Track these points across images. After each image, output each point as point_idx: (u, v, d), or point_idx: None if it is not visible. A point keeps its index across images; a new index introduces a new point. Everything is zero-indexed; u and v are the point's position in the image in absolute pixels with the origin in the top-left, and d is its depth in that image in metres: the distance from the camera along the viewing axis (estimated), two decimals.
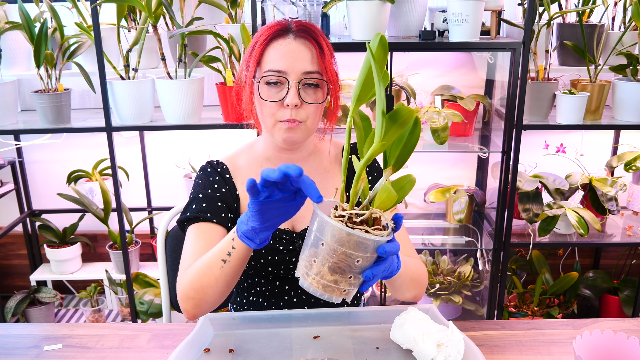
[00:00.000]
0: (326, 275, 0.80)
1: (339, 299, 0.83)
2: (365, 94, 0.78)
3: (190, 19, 2.18)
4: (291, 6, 1.92)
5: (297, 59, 1.09)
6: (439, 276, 2.35)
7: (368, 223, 0.81)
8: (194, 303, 1.05)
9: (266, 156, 1.24)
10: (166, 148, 2.63)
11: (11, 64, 2.22)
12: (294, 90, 1.09)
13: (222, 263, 1.00)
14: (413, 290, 1.17)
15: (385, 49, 0.74)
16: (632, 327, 1.18)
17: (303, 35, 1.10)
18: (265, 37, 1.10)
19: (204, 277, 1.03)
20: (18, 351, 1.13)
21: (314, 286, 0.82)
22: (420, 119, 0.77)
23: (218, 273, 1.01)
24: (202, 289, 1.03)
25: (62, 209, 2.66)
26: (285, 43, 1.09)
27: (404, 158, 0.81)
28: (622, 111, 2.11)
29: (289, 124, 1.10)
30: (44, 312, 2.57)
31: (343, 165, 0.85)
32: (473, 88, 2.42)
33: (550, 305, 2.37)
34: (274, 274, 1.22)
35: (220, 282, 1.02)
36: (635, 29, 2.11)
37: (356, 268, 0.81)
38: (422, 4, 2.09)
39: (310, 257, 0.81)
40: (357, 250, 0.79)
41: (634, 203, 2.39)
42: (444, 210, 2.54)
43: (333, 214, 0.82)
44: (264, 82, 1.10)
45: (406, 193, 0.82)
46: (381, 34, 0.74)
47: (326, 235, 0.78)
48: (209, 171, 1.23)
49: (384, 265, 0.85)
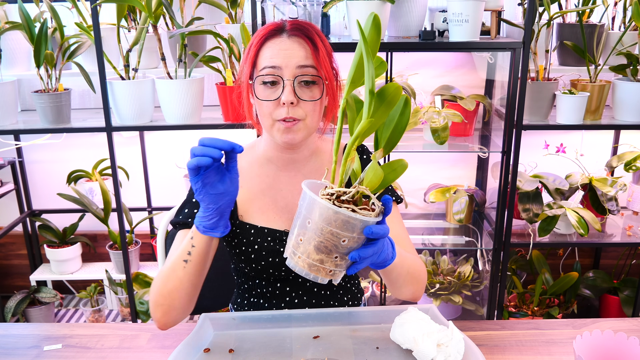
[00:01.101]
0: (312, 254, 0.80)
1: (325, 280, 0.83)
2: (359, 77, 0.78)
3: (190, 19, 2.18)
4: (291, 6, 1.92)
5: (290, 55, 1.09)
6: (439, 276, 2.35)
7: (356, 204, 0.81)
8: (162, 310, 1.06)
9: (267, 157, 1.23)
10: (166, 148, 2.63)
11: (11, 64, 2.22)
12: (289, 88, 1.08)
13: (184, 264, 1.03)
14: (411, 286, 1.15)
15: (378, 30, 0.73)
16: (632, 327, 1.18)
17: (296, 34, 1.10)
18: (259, 38, 1.11)
19: (169, 282, 1.04)
20: (18, 351, 1.13)
21: (299, 265, 0.82)
22: (409, 98, 0.77)
23: (182, 274, 1.03)
24: (169, 294, 1.05)
25: (62, 209, 2.66)
26: (279, 41, 1.10)
27: (394, 140, 0.81)
28: (622, 111, 2.11)
29: (286, 123, 1.10)
30: (44, 312, 2.57)
31: (335, 146, 0.85)
32: (473, 88, 2.42)
33: (550, 305, 2.37)
34: (274, 275, 1.22)
35: (185, 283, 1.04)
36: (635, 29, 2.11)
37: (342, 248, 0.80)
38: (422, 4, 2.09)
39: (297, 236, 0.82)
40: (344, 230, 0.78)
41: (634, 203, 2.39)
42: (444, 210, 2.54)
43: (321, 192, 0.81)
44: (260, 81, 1.10)
45: (397, 176, 0.82)
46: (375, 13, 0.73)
47: (314, 214, 0.78)
48: None
49: (373, 248, 0.85)
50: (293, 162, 1.23)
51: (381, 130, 0.81)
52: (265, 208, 1.21)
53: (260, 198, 1.21)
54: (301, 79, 1.09)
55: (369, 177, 0.80)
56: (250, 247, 1.18)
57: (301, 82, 1.10)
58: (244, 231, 1.19)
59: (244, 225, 1.20)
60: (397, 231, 1.22)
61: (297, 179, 1.24)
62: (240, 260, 1.21)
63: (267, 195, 1.21)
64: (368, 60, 0.71)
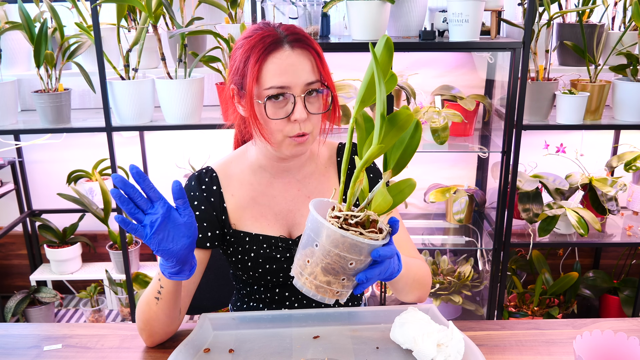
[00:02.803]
0: (319, 275, 0.80)
1: (331, 300, 0.83)
2: (369, 97, 0.77)
3: (190, 19, 2.18)
4: (291, 6, 1.92)
5: (298, 71, 1.04)
6: (439, 276, 2.35)
7: (364, 226, 0.81)
8: (146, 334, 1.10)
9: (260, 164, 1.20)
10: (166, 148, 2.63)
11: (11, 64, 2.22)
12: (301, 106, 1.05)
13: (155, 300, 1.05)
14: (417, 291, 1.17)
15: (390, 52, 0.73)
16: (632, 327, 1.18)
17: (299, 45, 1.06)
18: (260, 51, 1.04)
19: (145, 313, 1.07)
20: (18, 351, 1.13)
21: (307, 286, 0.82)
22: (420, 122, 0.77)
23: (155, 309, 1.06)
24: (148, 322, 1.08)
25: (62, 209, 2.66)
26: (284, 56, 1.04)
27: (404, 162, 0.81)
28: (622, 111, 2.10)
29: (298, 138, 1.08)
30: (44, 312, 2.57)
31: (343, 167, 0.84)
32: (473, 88, 2.42)
33: (550, 305, 2.37)
34: (272, 281, 1.21)
35: (161, 315, 1.07)
36: (635, 29, 2.11)
37: (349, 270, 0.80)
38: (422, 4, 2.09)
39: (304, 257, 0.82)
40: (351, 253, 0.78)
41: (634, 203, 2.39)
42: (444, 210, 2.54)
43: (329, 214, 0.81)
44: (268, 100, 1.06)
45: (405, 197, 0.82)
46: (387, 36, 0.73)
47: (321, 236, 0.78)
48: (192, 185, 1.19)
49: (379, 268, 0.85)
50: (287, 170, 1.21)
51: (391, 152, 0.80)
52: (259, 215, 1.19)
53: (252, 206, 1.19)
54: (310, 92, 1.07)
55: (377, 201, 0.79)
56: (247, 255, 1.18)
57: (307, 94, 1.07)
58: (238, 239, 1.18)
59: (238, 233, 1.18)
60: (399, 235, 1.22)
61: (291, 185, 1.22)
62: (237, 267, 1.21)
63: (260, 203, 1.20)
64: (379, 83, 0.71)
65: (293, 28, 1.09)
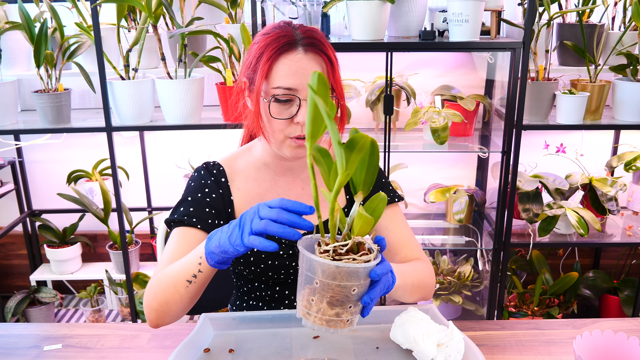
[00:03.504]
0: (327, 310, 0.82)
1: (344, 330, 0.84)
2: (317, 130, 0.78)
3: (190, 19, 2.18)
4: (291, 6, 1.92)
5: (307, 75, 1.05)
6: (439, 276, 2.35)
7: (354, 251, 0.82)
8: (157, 315, 1.04)
9: (264, 161, 1.22)
10: (166, 148, 2.63)
11: (11, 64, 2.22)
12: (305, 109, 1.06)
13: (187, 283, 1.00)
14: (417, 295, 1.16)
15: (325, 85, 0.74)
16: (632, 327, 1.18)
17: (312, 50, 1.07)
18: (273, 49, 1.06)
19: (168, 293, 1.02)
20: (18, 351, 1.13)
21: (317, 324, 0.83)
22: (376, 141, 0.78)
23: (183, 292, 1.01)
24: (166, 304, 1.03)
25: (62, 209, 2.66)
26: (296, 59, 1.06)
27: (370, 180, 0.82)
28: (622, 111, 2.11)
29: (299, 140, 1.09)
30: (44, 312, 2.57)
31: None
32: (473, 88, 2.42)
33: (550, 305, 2.37)
34: (273, 278, 1.22)
35: (185, 300, 1.02)
36: (635, 29, 2.11)
37: (354, 297, 0.82)
38: (422, 4, 2.09)
39: (307, 296, 0.83)
40: (351, 280, 0.80)
41: (634, 203, 2.39)
42: (444, 210, 2.54)
43: (318, 250, 0.82)
44: (274, 99, 1.07)
45: (381, 212, 0.83)
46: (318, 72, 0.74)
47: (317, 273, 0.80)
48: (202, 174, 1.20)
49: (380, 286, 0.85)
50: (291, 169, 1.22)
51: (355, 174, 0.82)
52: None
53: (258, 202, 1.20)
54: None
55: (359, 224, 0.81)
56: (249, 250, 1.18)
57: None
58: None
59: None
60: (402, 233, 1.22)
61: (295, 184, 1.23)
62: (239, 262, 1.21)
63: (265, 200, 1.20)
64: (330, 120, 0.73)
65: (312, 32, 1.09)
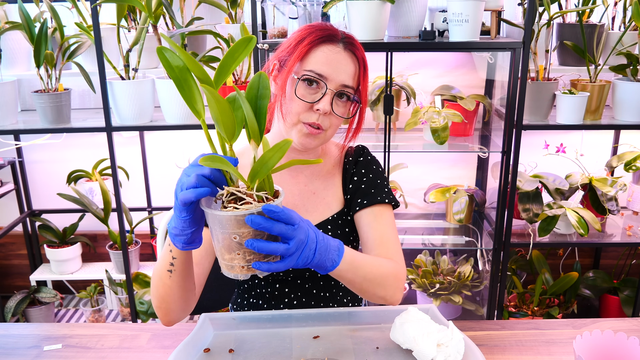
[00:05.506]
0: (224, 255, 0.86)
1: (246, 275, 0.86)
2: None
3: (190, 19, 2.18)
4: (291, 6, 1.92)
5: (340, 68, 1.10)
6: (439, 276, 2.35)
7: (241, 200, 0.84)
8: (162, 312, 1.08)
9: None
10: (166, 148, 2.63)
11: (11, 64, 2.22)
12: (329, 98, 1.09)
13: (168, 274, 1.01)
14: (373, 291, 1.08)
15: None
16: (632, 327, 1.18)
17: (352, 49, 1.12)
18: (316, 36, 1.10)
19: (160, 288, 1.04)
20: (18, 351, 1.13)
21: (222, 268, 0.88)
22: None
23: (169, 282, 1.02)
24: (163, 299, 1.05)
25: (62, 209, 2.66)
26: (335, 51, 1.10)
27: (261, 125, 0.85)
28: (622, 111, 2.11)
29: (311, 128, 1.10)
30: (44, 312, 2.57)
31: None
32: (473, 88, 2.42)
33: (550, 305, 2.37)
34: (272, 276, 1.22)
35: (175, 290, 1.03)
36: (635, 29, 2.11)
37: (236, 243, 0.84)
38: (422, 4, 2.08)
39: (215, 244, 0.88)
40: (232, 228, 0.83)
41: (634, 203, 2.39)
42: (444, 210, 2.54)
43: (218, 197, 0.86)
44: (303, 78, 1.10)
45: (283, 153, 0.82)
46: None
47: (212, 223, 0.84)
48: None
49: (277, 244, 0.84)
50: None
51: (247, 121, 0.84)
52: None
53: None
54: (341, 93, 1.11)
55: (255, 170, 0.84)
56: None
57: (338, 94, 1.11)
58: None
59: None
60: (383, 232, 1.19)
61: (299, 180, 1.24)
62: None
63: None
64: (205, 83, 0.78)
65: (352, 37, 1.14)
